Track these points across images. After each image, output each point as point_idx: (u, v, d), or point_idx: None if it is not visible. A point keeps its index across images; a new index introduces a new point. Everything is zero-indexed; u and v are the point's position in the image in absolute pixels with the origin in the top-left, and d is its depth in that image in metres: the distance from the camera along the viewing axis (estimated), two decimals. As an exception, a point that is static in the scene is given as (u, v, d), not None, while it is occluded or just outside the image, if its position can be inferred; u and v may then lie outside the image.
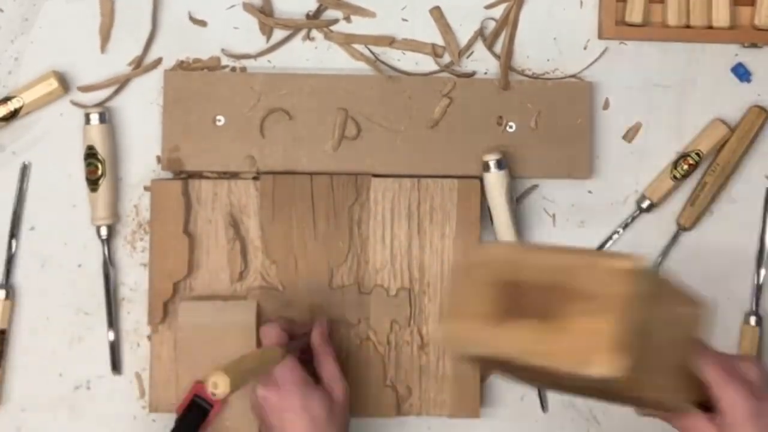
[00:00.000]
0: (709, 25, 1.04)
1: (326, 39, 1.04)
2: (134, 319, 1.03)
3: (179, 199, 1.01)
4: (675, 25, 1.04)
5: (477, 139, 1.03)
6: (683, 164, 1.04)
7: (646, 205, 1.04)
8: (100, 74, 1.03)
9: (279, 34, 1.05)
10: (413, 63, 1.05)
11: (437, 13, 1.05)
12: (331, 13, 1.05)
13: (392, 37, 1.04)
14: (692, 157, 1.04)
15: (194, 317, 0.99)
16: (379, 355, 1.01)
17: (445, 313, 0.83)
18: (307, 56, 1.05)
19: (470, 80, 1.04)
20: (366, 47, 1.04)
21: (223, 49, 1.04)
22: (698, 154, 1.03)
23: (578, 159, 1.04)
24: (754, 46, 1.06)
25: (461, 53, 1.05)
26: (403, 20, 1.05)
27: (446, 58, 1.05)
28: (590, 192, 1.05)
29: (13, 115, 1.01)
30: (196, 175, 1.02)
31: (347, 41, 1.04)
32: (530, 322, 0.68)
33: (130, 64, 1.04)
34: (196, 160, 1.02)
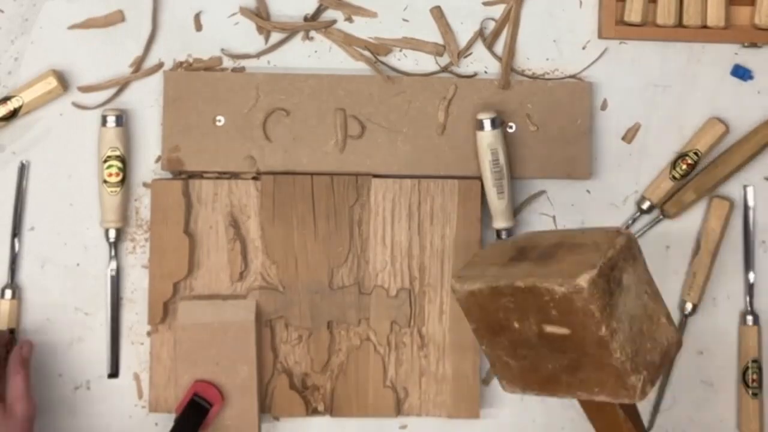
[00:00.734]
0: (704, 24, 1.04)
1: (327, 38, 1.04)
2: (134, 319, 1.03)
3: (179, 199, 1.01)
4: (663, 24, 1.04)
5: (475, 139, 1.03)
6: (682, 164, 1.04)
7: (646, 206, 1.04)
8: (100, 74, 1.03)
9: (278, 34, 1.05)
10: (413, 63, 1.05)
11: (437, 13, 1.05)
12: (332, 14, 1.05)
13: (389, 48, 1.04)
14: (690, 157, 1.04)
15: (194, 317, 0.99)
16: (379, 356, 1.01)
17: (462, 265, 0.93)
18: (307, 56, 1.05)
19: (470, 80, 1.04)
20: (366, 48, 1.04)
21: (223, 49, 1.04)
22: (696, 154, 1.04)
23: (578, 159, 1.04)
24: (754, 45, 1.06)
25: (461, 53, 1.05)
26: (404, 20, 1.05)
27: (446, 58, 1.05)
28: (589, 192, 1.05)
29: (13, 115, 1.01)
30: (196, 175, 1.02)
31: (347, 42, 1.04)
32: (530, 262, 0.83)
33: (131, 66, 1.03)
34: (196, 160, 1.02)
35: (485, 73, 1.05)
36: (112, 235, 1.02)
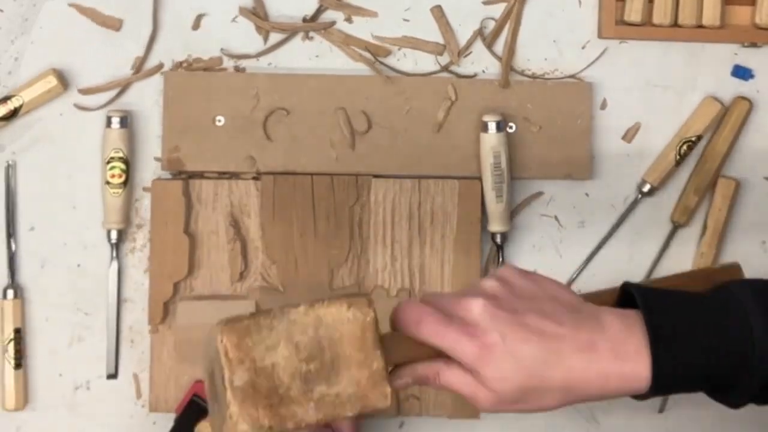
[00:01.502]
0: (699, 24, 1.04)
1: (326, 39, 1.04)
2: (134, 319, 1.03)
3: (180, 199, 1.01)
4: (659, 24, 1.03)
5: (477, 140, 1.03)
6: (683, 146, 1.03)
7: (647, 189, 1.04)
8: (101, 75, 1.03)
9: (278, 35, 1.05)
10: (413, 63, 1.05)
11: (438, 12, 1.05)
12: (332, 14, 1.05)
13: (389, 50, 1.04)
14: (691, 140, 1.04)
15: (194, 317, 0.99)
16: (379, 356, 1.01)
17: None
18: (308, 56, 1.05)
19: (470, 80, 1.04)
20: (366, 49, 1.04)
21: (222, 49, 1.04)
22: (698, 137, 1.03)
23: (578, 159, 1.04)
24: (753, 45, 1.06)
25: (461, 53, 1.05)
26: (404, 20, 1.05)
27: (446, 58, 1.05)
28: (589, 193, 1.05)
29: (13, 114, 1.01)
30: (196, 175, 1.02)
31: (346, 42, 1.04)
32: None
33: (132, 67, 1.03)
34: (197, 160, 1.02)
35: (483, 73, 1.05)
36: (114, 236, 1.02)
